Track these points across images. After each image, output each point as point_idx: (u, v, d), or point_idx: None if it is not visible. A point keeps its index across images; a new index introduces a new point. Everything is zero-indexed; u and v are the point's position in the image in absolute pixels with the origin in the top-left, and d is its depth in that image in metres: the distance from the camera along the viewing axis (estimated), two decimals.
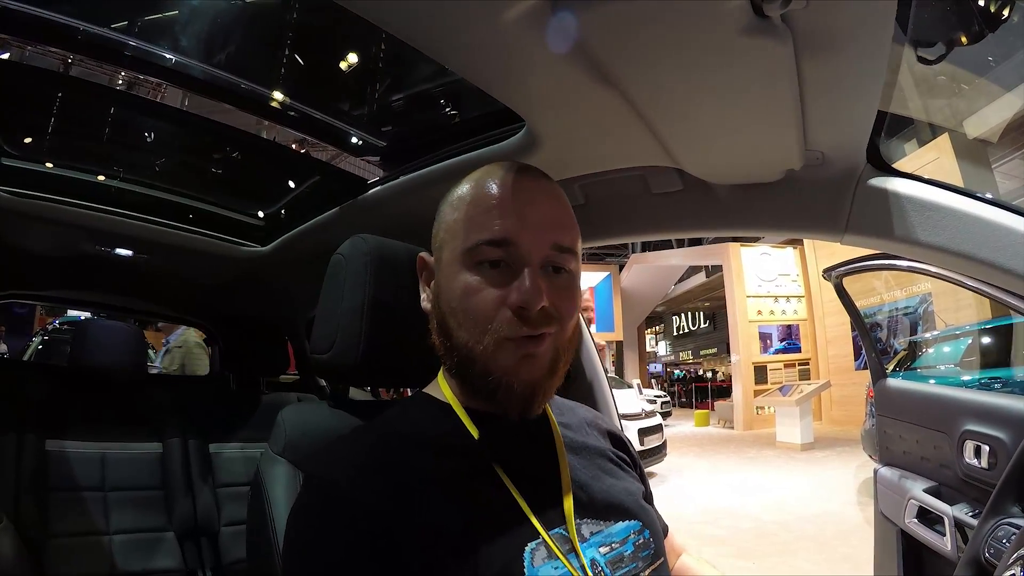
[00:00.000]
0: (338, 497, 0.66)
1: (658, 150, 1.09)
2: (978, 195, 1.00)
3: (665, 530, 0.96)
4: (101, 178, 2.01)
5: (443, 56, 0.89)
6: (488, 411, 0.77)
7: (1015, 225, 0.95)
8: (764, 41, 0.72)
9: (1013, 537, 1.22)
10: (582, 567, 0.70)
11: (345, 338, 0.92)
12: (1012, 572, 0.91)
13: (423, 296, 0.84)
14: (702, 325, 32.13)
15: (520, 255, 0.72)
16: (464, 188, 0.79)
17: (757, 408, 13.59)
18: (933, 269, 1.28)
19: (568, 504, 0.76)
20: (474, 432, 0.75)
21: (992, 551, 1.26)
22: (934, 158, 8.25)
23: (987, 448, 1.65)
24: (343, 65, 1.86)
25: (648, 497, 0.93)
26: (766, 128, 0.95)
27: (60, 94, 1.76)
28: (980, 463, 1.67)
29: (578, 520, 0.75)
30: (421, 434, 0.76)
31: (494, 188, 0.76)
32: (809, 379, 13.43)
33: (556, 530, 0.71)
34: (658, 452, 8.25)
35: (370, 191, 1.58)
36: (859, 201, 1.08)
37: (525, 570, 0.66)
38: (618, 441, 0.98)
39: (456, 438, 0.75)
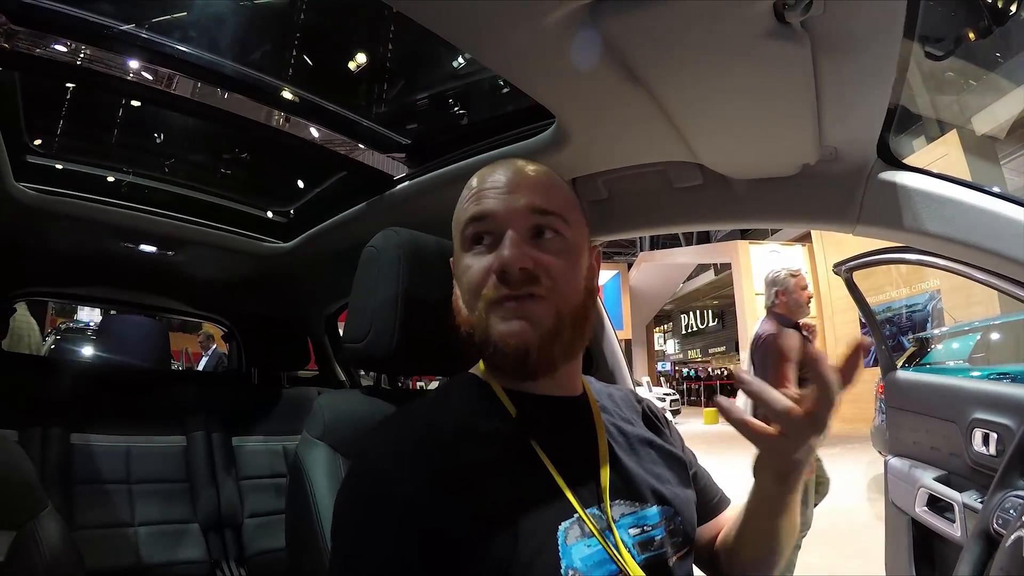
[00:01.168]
0: (384, 479, 0.69)
1: (681, 146, 1.13)
2: (984, 188, 1.04)
3: (727, 502, 1.00)
4: (125, 175, 2.04)
5: (484, 56, 0.94)
6: (527, 391, 0.81)
7: (1020, 216, 0.99)
8: (784, 45, 0.77)
9: (1021, 506, 1.25)
10: (616, 545, 0.72)
11: (380, 328, 0.95)
12: (1019, 534, 0.94)
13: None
14: (711, 323, 31.91)
15: (500, 224, 0.77)
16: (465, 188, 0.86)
17: None
18: (942, 262, 1.31)
19: (604, 483, 0.78)
20: (511, 407, 0.78)
21: (1000, 522, 1.29)
22: (943, 154, 8.22)
23: (995, 435, 1.68)
24: (368, 64, 1.89)
25: (691, 467, 0.96)
26: (783, 125, 1.00)
27: (85, 92, 1.80)
28: (989, 450, 1.70)
29: (612, 501, 0.77)
30: (462, 415, 0.78)
31: (479, 179, 0.83)
32: None
33: (591, 509, 0.73)
34: None
35: (397, 187, 1.61)
36: (870, 194, 1.12)
37: (559, 548, 0.68)
38: (653, 414, 1.00)
39: (495, 417, 0.78)
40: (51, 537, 1.20)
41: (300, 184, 2.18)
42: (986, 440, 1.72)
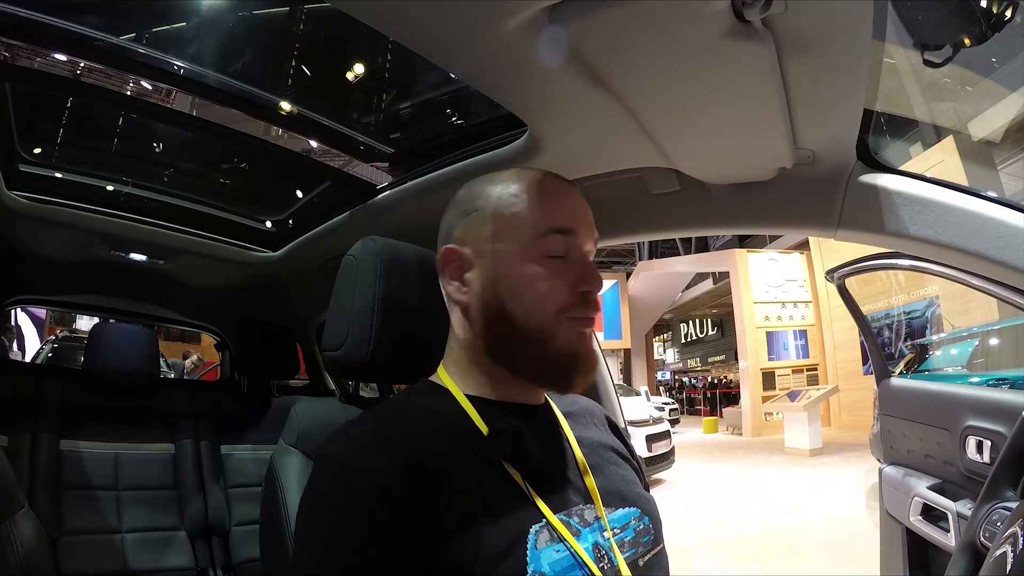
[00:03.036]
0: (349, 474, 0.68)
1: (655, 151, 1.13)
2: (968, 190, 1.03)
3: None
4: (117, 184, 2.05)
5: (448, 63, 0.94)
6: (493, 400, 0.81)
7: (1003, 217, 0.98)
8: (746, 44, 0.76)
9: (1007, 519, 1.23)
10: (589, 549, 0.72)
11: (356, 335, 0.94)
12: (1003, 550, 0.93)
13: (451, 288, 0.84)
14: (710, 332, 31.93)
15: (578, 245, 0.81)
16: (515, 186, 0.82)
17: (765, 414, 13.51)
18: (935, 268, 1.28)
19: (592, 489, 0.80)
20: (480, 424, 0.77)
21: (987, 535, 1.27)
22: (939, 160, 8.26)
23: (989, 443, 1.66)
24: (353, 75, 1.90)
25: (645, 488, 0.96)
26: (756, 128, 0.99)
27: (78, 102, 1.81)
28: (982, 458, 1.68)
29: (581, 506, 0.77)
30: (430, 419, 0.77)
31: (549, 185, 0.83)
32: (817, 384, 13.36)
33: (559, 515, 0.73)
34: (666, 459, 8.22)
35: (379, 196, 1.61)
36: (851, 197, 1.12)
37: (528, 552, 0.67)
38: (616, 430, 1.01)
39: (464, 425, 0.77)
40: (26, 537, 1.20)
41: (288, 194, 2.18)
42: (980, 448, 1.70)
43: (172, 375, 7.93)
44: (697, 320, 32.33)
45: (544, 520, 0.71)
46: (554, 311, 0.77)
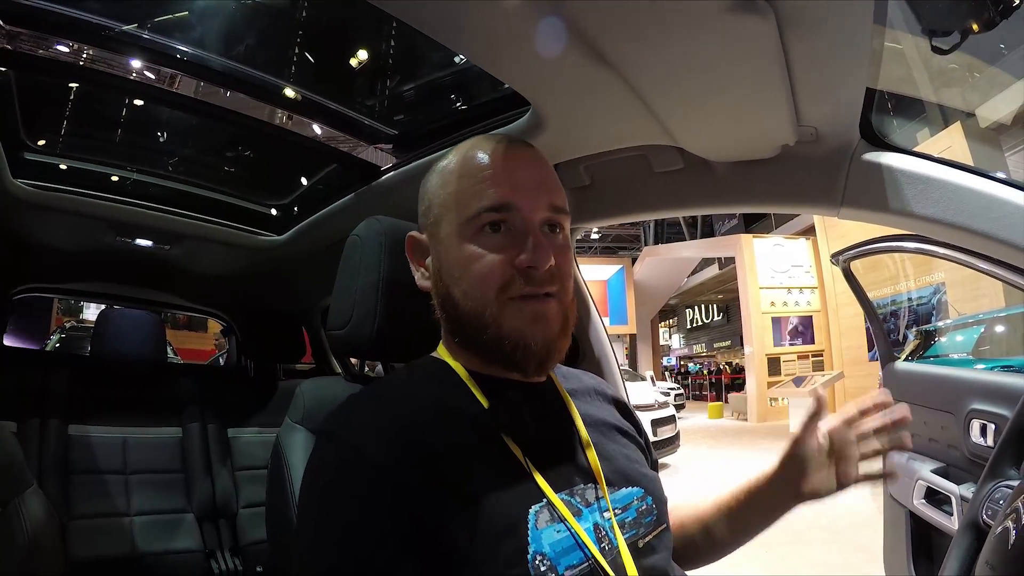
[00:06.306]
0: (350, 451, 0.68)
1: (657, 129, 1.12)
2: (971, 168, 1.02)
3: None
4: (121, 171, 2.05)
5: (450, 41, 0.93)
6: (494, 376, 0.80)
7: (1007, 196, 0.98)
8: (747, 18, 0.75)
9: (1009, 496, 1.23)
10: (589, 529, 0.72)
11: (361, 314, 0.95)
12: (1004, 525, 0.93)
13: (417, 275, 0.86)
14: (715, 317, 31.84)
15: (521, 218, 0.75)
16: (452, 161, 0.82)
17: (771, 400, 13.51)
18: (941, 250, 1.28)
19: (595, 467, 0.79)
20: (481, 398, 0.77)
21: (990, 512, 1.27)
22: (947, 146, 8.19)
23: (993, 426, 1.65)
24: (356, 57, 1.89)
25: (653, 466, 0.95)
26: (758, 104, 0.99)
27: (81, 89, 1.81)
28: (986, 441, 1.67)
29: (582, 485, 0.77)
30: (430, 396, 0.77)
31: (484, 158, 0.78)
32: (822, 370, 13.34)
33: (561, 494, 0.73)
34: (671, 443, 8.24)
35: (383, 177, 1.62)
36: (854, 175, 1.11)
37: (529, 532, 0.67)
38: (623, 408, 0.99)
39: (464, 402, 0.77)
40: (34, 514, 1.22)
41: (292, 178, 2.19)
42: (984, 431, 1.69)
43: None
44: (703, 305, 32.25)
45: (545, 499, 0.70)
46: (495, 291, 0.74)
